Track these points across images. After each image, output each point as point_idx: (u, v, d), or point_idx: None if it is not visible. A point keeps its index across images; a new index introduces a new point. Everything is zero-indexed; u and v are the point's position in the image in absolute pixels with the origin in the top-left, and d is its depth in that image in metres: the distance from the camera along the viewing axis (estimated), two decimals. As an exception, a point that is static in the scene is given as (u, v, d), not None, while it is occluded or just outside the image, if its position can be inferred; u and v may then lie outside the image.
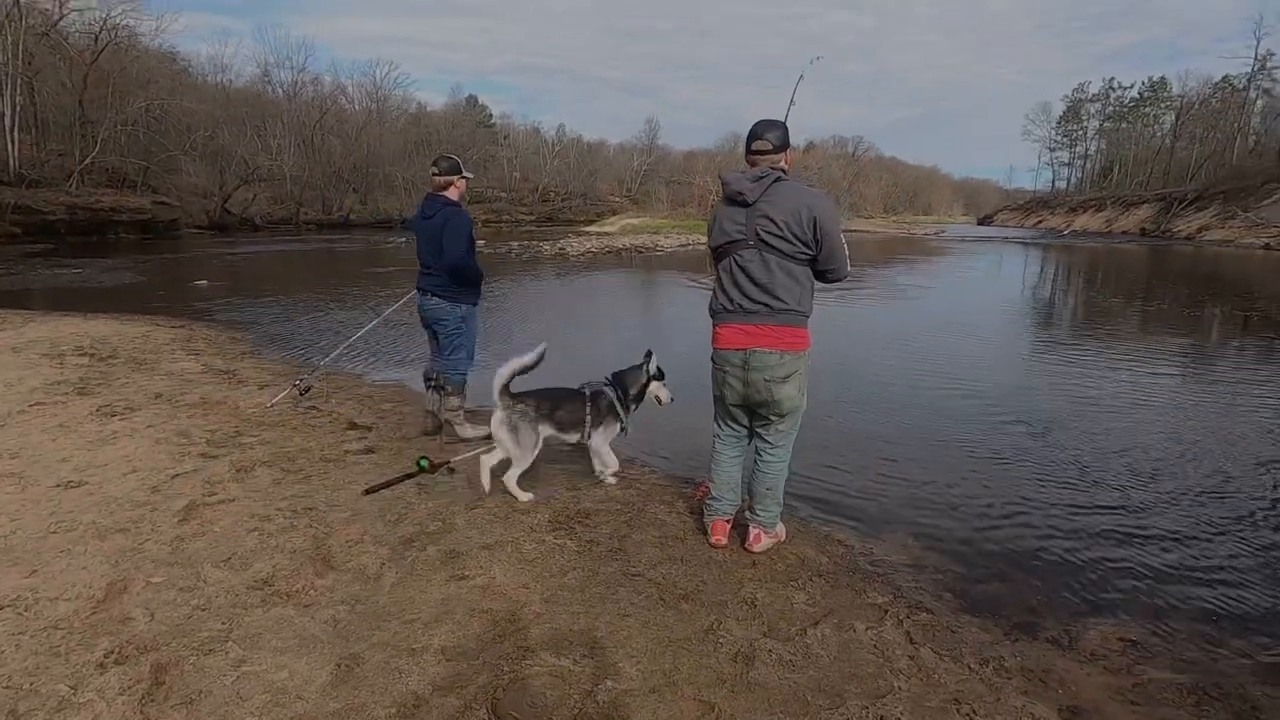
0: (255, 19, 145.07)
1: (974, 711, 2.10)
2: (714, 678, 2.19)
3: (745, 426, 3.06)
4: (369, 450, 4.21)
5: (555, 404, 3.59)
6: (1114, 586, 2.99)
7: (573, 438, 3.67)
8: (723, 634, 2.42)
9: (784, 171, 2.81)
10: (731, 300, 2.84)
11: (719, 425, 3.12)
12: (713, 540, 3.08)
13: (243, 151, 39.19)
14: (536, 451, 3.53)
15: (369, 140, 48.93)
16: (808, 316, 2.84)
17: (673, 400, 3.89)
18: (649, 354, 3.80)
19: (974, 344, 8.78)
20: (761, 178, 2.75)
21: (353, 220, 44.11)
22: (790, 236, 2.71)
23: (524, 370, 3.42)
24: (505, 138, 65.58)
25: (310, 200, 43.30)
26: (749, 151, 2.85)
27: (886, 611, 2.65)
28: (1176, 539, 3.42)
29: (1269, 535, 3.48)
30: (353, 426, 4.68)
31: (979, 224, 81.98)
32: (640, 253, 24.82)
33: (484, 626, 2.41)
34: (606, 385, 3.71)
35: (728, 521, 3.12)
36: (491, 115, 70.63)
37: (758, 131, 2.82)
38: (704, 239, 3.14)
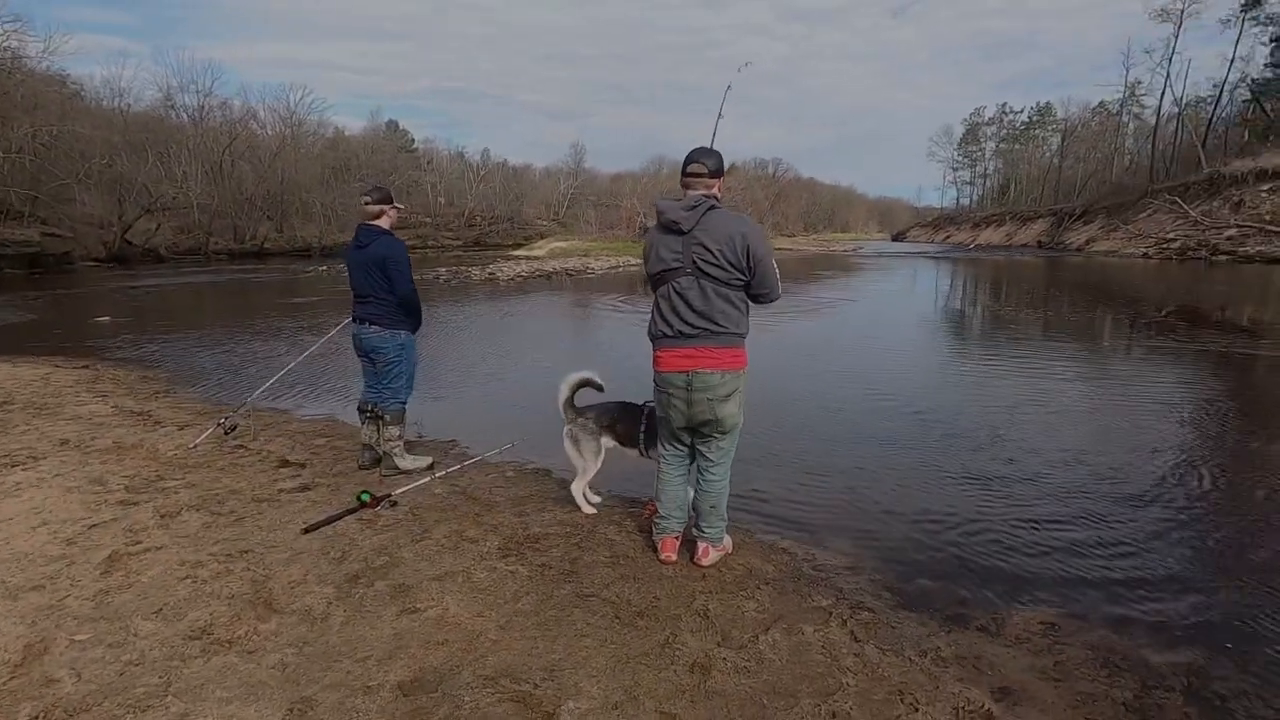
0: (154, 41, 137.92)
1: (916, 700, 2.24)
2: (673, 689, 2.25)
3: (688, 446, 3.16)
4: (304, 488, 4.07)
5: (615, 417, 3.66)
6: (1033, 575, 3.23)
7: (633, 452, 3.70)
8: (679, 646, 2.49)
9: (717, 198, 2.95)
10: (671, 326, 2.94)
11: (664, 446, 3.20)
12: (662, 557, 3.15)
13: (144, 179, 37.01)
14: (600, 461, 3.67)
15: (284, 166, 47.16)
16: (744, 337, 2.98)
17: None
18: None
19: (894, 356, 9.25)
20: (695, 206, 2.87)
21: (268, 249, 42.28)
22: (725, 264, 2.84)
23: (582, 385, 3.59)
24: (429, 162, 64.66)
25: (220, 229, 41.27)
26: (684, 175, 2.96)
27: (831, 613, 2.78)
28: (1085, 529, 3.72)
29: (1165, 520, 3.84)
30: (285, 464, 4.51)
31: (893, 240, 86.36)
32: (571, 275, 24.85)
33: (440, 659, 2.39)
34: None
35: (676, 538, 3.19)
36: (414, 140, 69.58)
37: (694, 157, 2.94)
38: (635, 260, 3.26)
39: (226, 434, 4.96)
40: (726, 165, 3.04)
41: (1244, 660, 2.55)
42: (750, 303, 3.00)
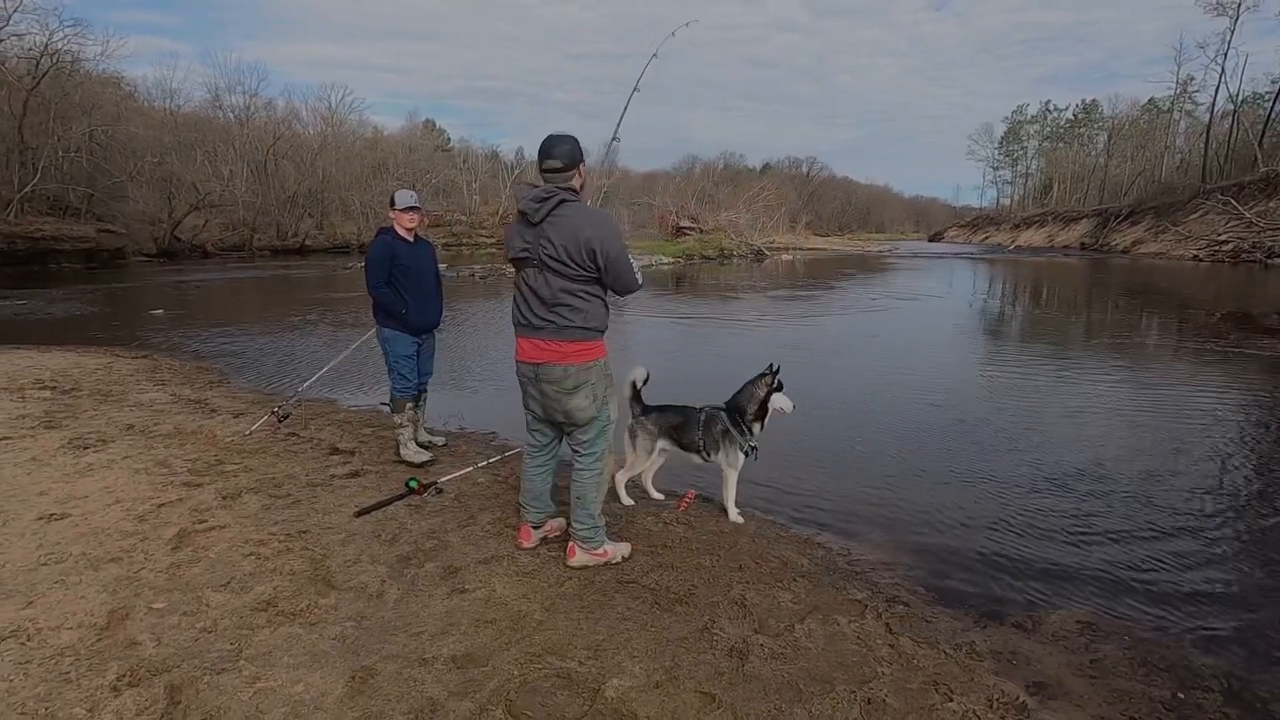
0: (202, 43, 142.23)
1: (951, 691, 2.28)
2: (712, 672, 2.34)
3: (551, 436, 3.15)
4: (354, 474, 4.25)
5: (676, 422, 3.68)
6: (1070, 576, 3.23)
7: (694, 459, 3.72)
8: (717, 632, 2.57)
9: (574, 190, 2.81)
10: (523, 315, 2.93)
11: (527, 435, 3.19)
12: (518, 542, 3.22)
13: (192, 178, 38.30)
14: (651, 460, 3.78)
15: (324, 165, 48.31)
16: (597, 330, 2.91)
17: (794, 408, 3.76)
18: (774, 368, 3.68)
19: (925, 357, 9.17)
20: (546, 198, 2.75)
21: (309, 246, 43.39)
22: (569, 261, 2.76)
23: (643, 382, 3.68)
24: (464, 161, 65.51)
25: (264, 226, 42.46)
26: (540, 170, 2.83)
27: (866, 606, 2.83)
28: (1124, 530, 3.70)
29: (1207, 524, 3.79)
30: (335, 451, 4.71)
31: (930, 240, 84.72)
32: (604, 274, 24.99)
33: (490, 636, 2.51)
34: (721, 410, 3.65)
35: (534, 528, 3.25)
36: (450, 139, 70.61)
37: (545, 148, 2.79)
38: (667, 259, 3.27)
39: (280, 422, 5.19)
40: (760, 165, 3.04)
41: (1287, 664, 2.54)
42: (608, 293, 2.93)
